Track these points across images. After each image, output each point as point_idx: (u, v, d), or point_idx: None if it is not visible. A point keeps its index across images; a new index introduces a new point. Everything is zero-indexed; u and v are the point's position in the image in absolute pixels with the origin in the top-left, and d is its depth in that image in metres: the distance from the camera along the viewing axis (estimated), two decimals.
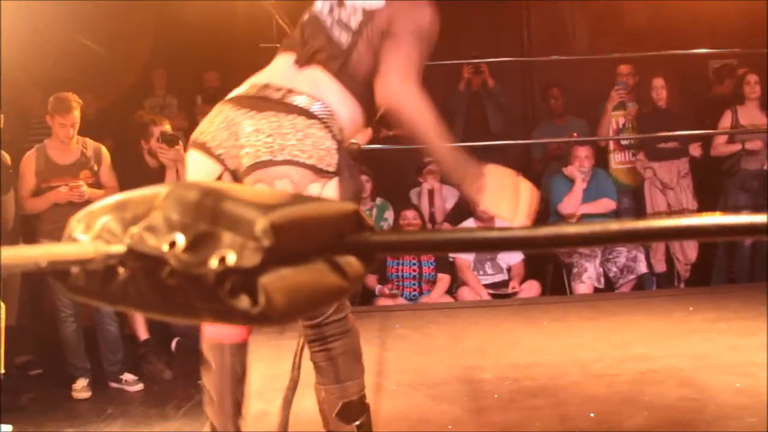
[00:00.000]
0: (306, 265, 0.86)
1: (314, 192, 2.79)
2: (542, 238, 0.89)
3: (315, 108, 2.85)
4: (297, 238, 0.85)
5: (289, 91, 2.88)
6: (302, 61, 2.96)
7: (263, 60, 3.16)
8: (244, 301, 0.83)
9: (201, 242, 0.86)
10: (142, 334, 6.52)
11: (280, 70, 2.98)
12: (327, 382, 3.04)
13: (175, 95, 8.95)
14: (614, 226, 0.84)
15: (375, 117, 3.05)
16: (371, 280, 7.21)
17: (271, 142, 2.78)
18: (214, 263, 0.83)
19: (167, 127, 6.60)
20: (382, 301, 7.18)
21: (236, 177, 2.84)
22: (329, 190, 2.82)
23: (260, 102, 2.86)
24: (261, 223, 0.83)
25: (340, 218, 0.89)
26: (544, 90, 8.87)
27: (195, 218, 0.88)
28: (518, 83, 9.65)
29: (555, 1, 9.79)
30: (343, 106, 2.93)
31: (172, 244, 0.87)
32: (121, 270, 0.92)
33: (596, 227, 0.85)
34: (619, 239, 0.85)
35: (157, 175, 6.53)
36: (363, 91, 2.95)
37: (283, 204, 0.86)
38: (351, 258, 0.88)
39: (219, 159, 2.86)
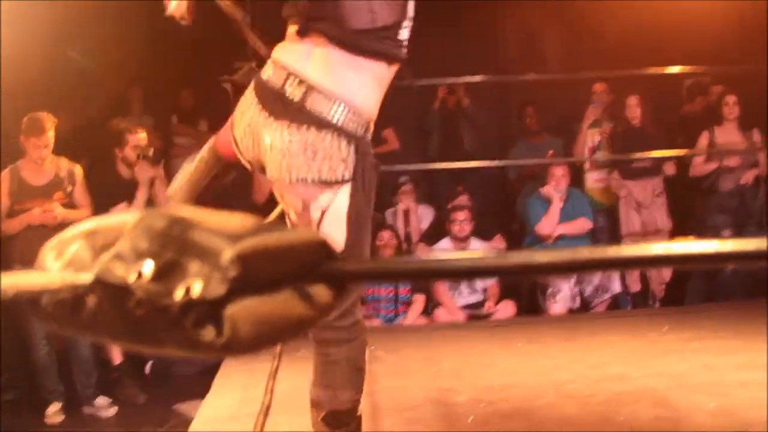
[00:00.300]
0: (273, 295, 0.85)
1: (325, 201, 2.83)
2: (514, 265, 0.88)
3: (332, 114, 2.82)
4: (264, 268, 0.84)
5: (309, 89, 2.84)
6: (302, 33, 2.91)
7: (237, 81, 3.14)
8: (209, 333, 0.82)
9: (168, 271, 0.86)
10: (116, 357, 6.47)
11: (294, 49, 2.93)
12: (319, 384, 3.02)
13: (151, 114, 8.93)
14: (585, 253, 0.83)
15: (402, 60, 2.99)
16: None
17: (281, 161, 2.82)
18: (179, 294, 0.82)
19: (142, 135, 6.65)
20: None
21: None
22: (341, 197, 2.84)
23: (279, 106, 2.86)
24: (227, 253, 0.82)
25: (309, 247, 0.88)
26: (520, 108, 8.89)
27: (162, 247, 0.87)
28: (493, 102, 9.68)
29: (529, 20, 9.83)
30: (364, 86, 2.88)
31: (139, 275, 0.86)
32: (89, 299, 0.91)
33: (567, 254, 0.84)
34: (590, 267, 0.84)
35: (130, 189, 6.57)
36: (373, 42, 2.87)
37: (252, 233, 0.85)
38: (320, 287, 0.88)
39: (246, 161, 3.03)
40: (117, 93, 8.48)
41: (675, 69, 7.79)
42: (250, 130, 2.93)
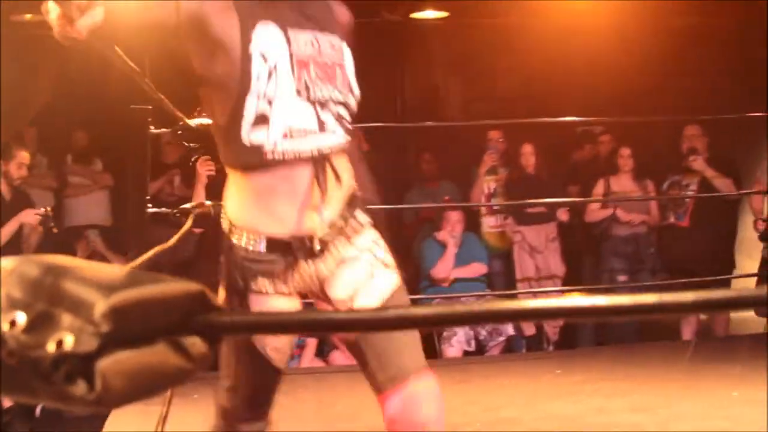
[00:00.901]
0: (147, 347, 0.85)
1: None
2: (390, 319, 0.90)
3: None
4: (139, 320, 0.84)
5: None
6: None
7: (133, 122, 3.13)
8: (80, 387, 0.81)
9: (40, 323, 0.85)
10: (6, 400, 6.32)
11: None
12: None
13: (44, 154, 8.81)
14: (460, 308, 0.85)
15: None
16: None
17: None
18: (51, 347, 0.82)
19: (25, 154, 6.66)
20: None
21: None
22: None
23: None
24: (100, 307, 0.82)
25: (185, 299, 0.88)
26: (417, 154, 8.99)
27: (35, 296, 0.86)
28: (392, 147, 9.76)
29: (429, 67, 9.97)
30: (228, 191, 2.78)
31: (12, 323, 0.86)
32: None
33: (443, 309, 0.86)
34: (465, 321, 0.86)
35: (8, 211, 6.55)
36: (220, 144, 2.74)
37: (127, 284, 0.85)
38: (196, 339, 0.88)
39: None
40: (11, 133, 8.36)
41: (569, 118, 7.96)
42: None
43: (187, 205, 4.79)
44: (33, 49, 8.12)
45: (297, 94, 2.62)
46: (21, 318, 0.86)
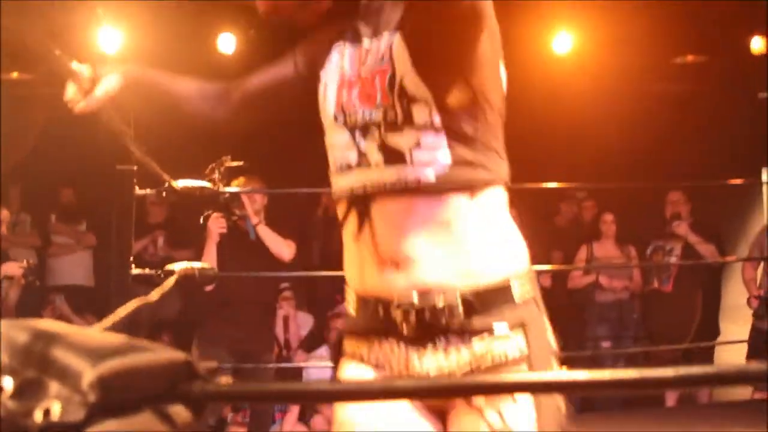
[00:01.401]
0: (134, 416, 0.85)
1: None
2: (376, 391, 0.90)
3: None
4: (125, 389, 0.85)
5: None
6: None
7: (118, 181, 3.13)
8: None
9: (28, 389, 0.85)
10: None
11: None
12: None
13: (28, 212, 8.79)
14: (445, 381, 0.86)
15: None
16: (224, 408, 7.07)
17: None
18: (38, 416, 0.82)
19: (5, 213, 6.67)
20: (235, 430, 7.04)
21: None
22: None
23: None
24: (88, 377, 0.83)
25: (170, 368, 0.88)
26: None
27: (23, 363, 0.87)
28: None
29: None
30: None
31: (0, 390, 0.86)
32: None
33: (427, 382, 0.87)
34: (447, 393, 0.87)
35: None
36: None
37: (114, 353, 0.86)
38: (180, 408, 0.88)
39: None
40: None
41: (552, 184, 8.01)
42: None
43: (173, 266, 4.74)
44: (18, 107, 8.17)
45: (335, 121, 2.17)
46: (8, 384, 0.86)
